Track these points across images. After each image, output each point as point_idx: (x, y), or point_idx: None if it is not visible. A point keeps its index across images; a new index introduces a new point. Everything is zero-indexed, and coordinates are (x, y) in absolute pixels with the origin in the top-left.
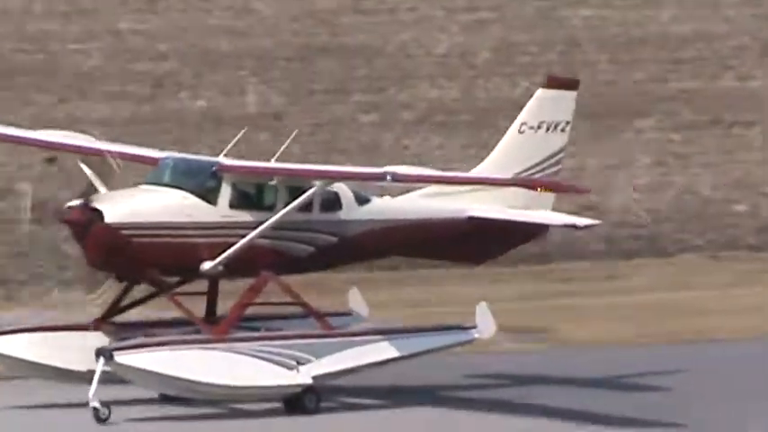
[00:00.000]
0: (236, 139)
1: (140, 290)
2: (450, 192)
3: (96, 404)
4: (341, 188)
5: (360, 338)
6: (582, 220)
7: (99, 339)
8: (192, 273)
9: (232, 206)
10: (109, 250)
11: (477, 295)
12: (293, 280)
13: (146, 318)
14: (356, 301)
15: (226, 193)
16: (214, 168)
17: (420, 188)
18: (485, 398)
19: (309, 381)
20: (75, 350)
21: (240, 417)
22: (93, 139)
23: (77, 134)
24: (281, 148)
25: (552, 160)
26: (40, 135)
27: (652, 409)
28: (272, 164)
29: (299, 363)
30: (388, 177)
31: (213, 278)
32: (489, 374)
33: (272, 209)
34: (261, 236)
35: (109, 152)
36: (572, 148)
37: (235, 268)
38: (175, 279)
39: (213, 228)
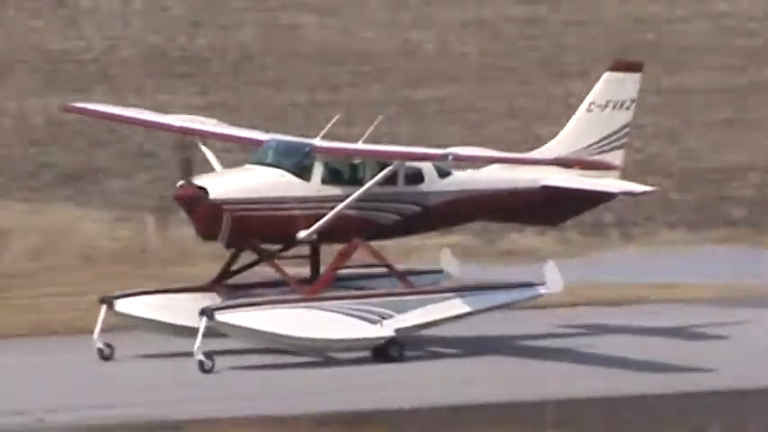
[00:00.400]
0: (332, 122)
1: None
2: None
3: (201, 357)
4: (424, 164)
5: (437, 296)
6: (640, 187)
7: (212, 299)
8: (290, 240)
9: (324, 182)
10: (213, 223)
11: None
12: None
13: (262, 278)
14: (448, 260)
15: (318, 170)
16: (308, 149)
17: None
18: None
19: (392, 333)
20: (191, 309)
21: (332, 365)
22: (215, 123)
23: (198, 117)
24: (368, 131)
25: (618, 134)
26: (167, 119)
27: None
28: (357, 145)
29: (382, 318)
30: (450, 157)
31: (310, 244)
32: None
33: (360, 183)
34: (350, 207)
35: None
36: None
37: (328, 236)
38: (277, 246)
39: (307, 201)
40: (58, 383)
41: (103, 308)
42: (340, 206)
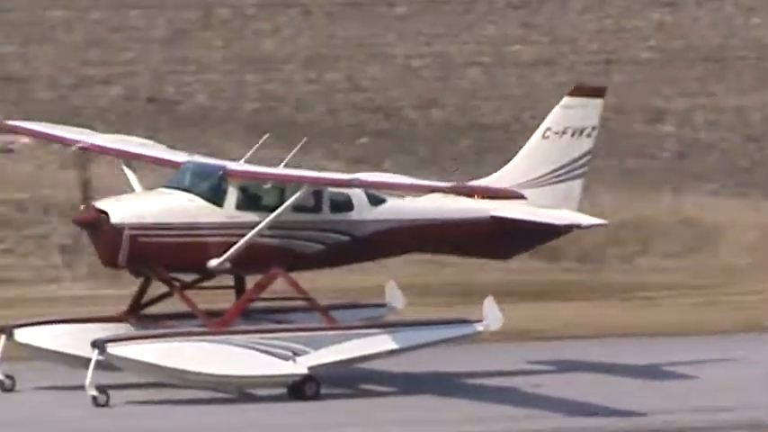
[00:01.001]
0: (259, 143)
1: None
2: None
3: (93, 392)
4: (354, 191)
5: (360, 331)
6: (588, 220)
7: (124, 330)
8: (200, 269)
9: (239, 207)
10: (115, 249)
11: None
12: None
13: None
14: (393, 293)
15: (233, 195)
16: (221, 173)
17: None
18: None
19: (305, 371)
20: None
21: (244, 402)
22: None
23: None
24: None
25: (577, 163)
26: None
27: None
28: (267, 169)
29: (295, 354)
30: (355, 182)
31: (234, 275)
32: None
33: (272, 209)
34: (268, 235)
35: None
36: None
37: (244, 265)
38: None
39: (219, 228)
40: None
41: None
42: (250, 233)
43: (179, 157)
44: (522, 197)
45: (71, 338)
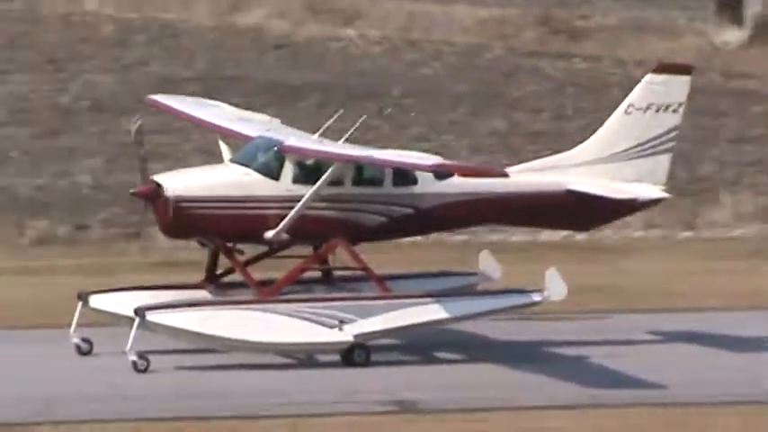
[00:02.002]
0: (333, 119)
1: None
2: (561, 166)
3: (134, 357)
4: None
5: (411, 301)
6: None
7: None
8: (257, 239)
9: (296, 181)
10: (168, 219)
11: None
12: None
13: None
14: (487, 262)
15: (289, 169)
16: (275, 148)
17: None
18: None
19: (351, 339)
20: None
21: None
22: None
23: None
24: (354, 127)
25: (662, 138)
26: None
27: None
28: (322, 146)
29: (342, 322)
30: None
31: (281, 244)
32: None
33: (337, 184)
34: (329, 207)
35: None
36: None
37: (302, 236)
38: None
39: (274, 200)
40: None
41: None
42: (298, 205)
43: (253, 131)
44: (505, 175)
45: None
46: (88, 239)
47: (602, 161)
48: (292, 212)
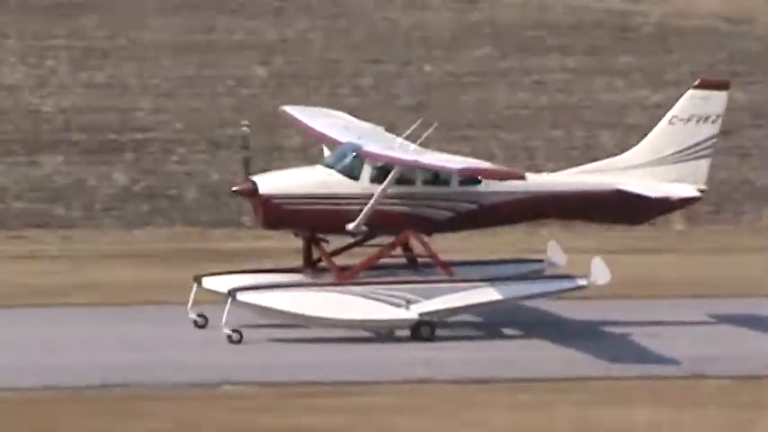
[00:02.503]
0: (415, 124)
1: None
2: (613, 169)
3: (228, 331)
4: None
5: (469, 284)
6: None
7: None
8: (341, 231)
9: (373, 181)
10: (265, 214)
11: None
12: None
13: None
14: (554, 250)
15: (367, 170)
16: (354, 153)
17: None
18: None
19: (416, 317)
20: None
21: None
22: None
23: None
24: (424, 135)
25: (702, 145)
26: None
27: None
28: (395, 153)
29: (409, 302)
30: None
31: (364, 235)
32: None
33: (409, 183)
34: (402, 203)
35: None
36: None
37: (380, 228)
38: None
39: (354, 197)
40: None
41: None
42: (371, 201)
43: (345, 138)
44: (523, 177)
45: None
46: None
47: (649, 164)
48: (366, 207)
